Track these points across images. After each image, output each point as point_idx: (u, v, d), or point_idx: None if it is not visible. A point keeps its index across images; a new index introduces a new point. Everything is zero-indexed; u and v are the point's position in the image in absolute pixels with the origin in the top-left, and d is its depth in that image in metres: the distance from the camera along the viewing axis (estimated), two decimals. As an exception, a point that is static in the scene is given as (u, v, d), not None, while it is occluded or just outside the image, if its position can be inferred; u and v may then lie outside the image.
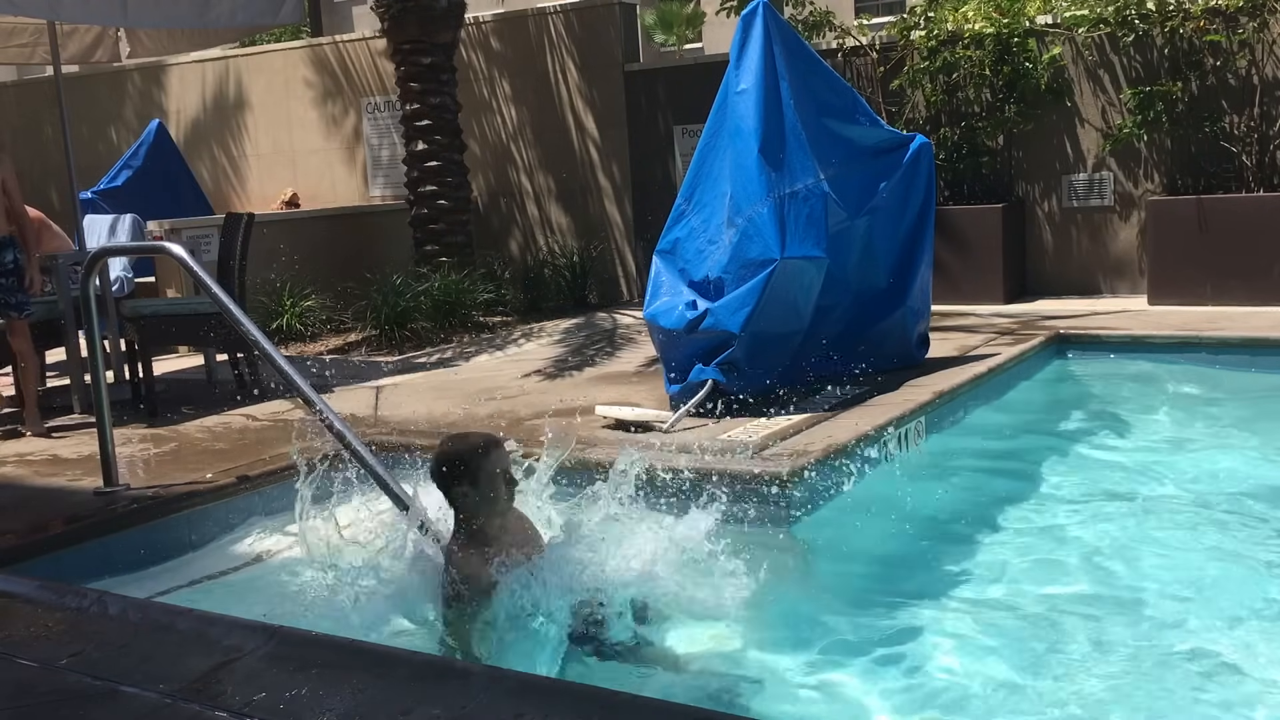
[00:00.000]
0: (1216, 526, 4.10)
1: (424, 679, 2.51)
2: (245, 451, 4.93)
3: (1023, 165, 8.74)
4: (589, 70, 10.20)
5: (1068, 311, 7.67)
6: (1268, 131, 7.82)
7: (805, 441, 4.51)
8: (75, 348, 6.15)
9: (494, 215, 10.73)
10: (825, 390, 5.39)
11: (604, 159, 10.26)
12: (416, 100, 9.43)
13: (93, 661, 2.67)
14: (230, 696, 2.44)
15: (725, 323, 5.09)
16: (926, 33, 8.62)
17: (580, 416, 5.26)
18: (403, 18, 9.26)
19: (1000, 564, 3.88)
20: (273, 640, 2.78)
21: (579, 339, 8.07)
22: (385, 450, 4.76)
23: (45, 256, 6.68)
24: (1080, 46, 8.35)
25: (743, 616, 3.55)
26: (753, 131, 5.27)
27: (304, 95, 11.44)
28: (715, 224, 5.38)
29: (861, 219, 5.60)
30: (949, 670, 3.13)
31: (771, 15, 5.48)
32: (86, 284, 4.41)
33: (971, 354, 6.21)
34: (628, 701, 2.45)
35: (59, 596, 3.28)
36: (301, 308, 8.65)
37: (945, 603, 3.59)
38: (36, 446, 5.40)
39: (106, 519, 4.10)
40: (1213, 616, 3.37)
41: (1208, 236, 7.64)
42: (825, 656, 3.24)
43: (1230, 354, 6.39)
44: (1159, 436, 5.37)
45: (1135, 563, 3.81)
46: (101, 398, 4.40)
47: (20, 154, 12.83)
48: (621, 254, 10.27)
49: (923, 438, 5.11)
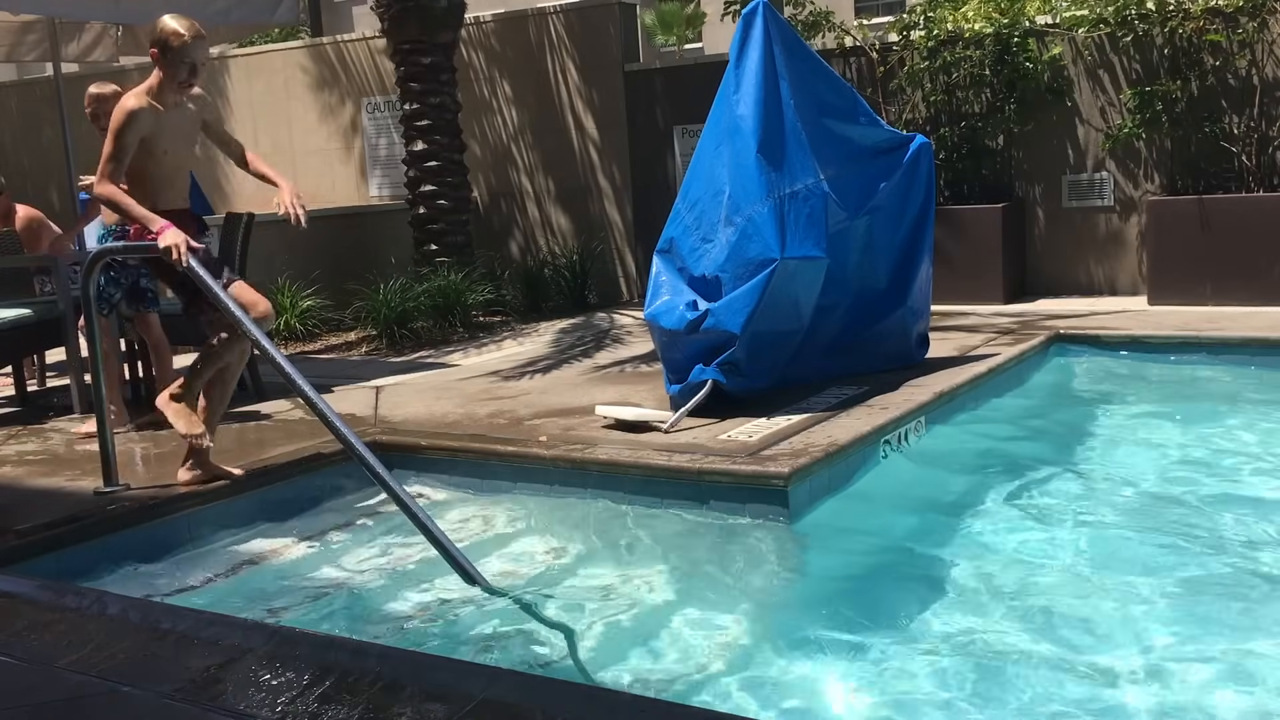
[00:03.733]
0: (1217, 527, 4.10)
1: (425, 678, 2.51)
2: (245, 451, 4.93)
3: (1023, 165, 8.75)
4: (589, 70, 10.20)
5: (1067, 311, 7.67)
6: (1268, 132, 7.83)
7: (805, 441, 4.51)
8: (75, 348, 6.15)
9: (494, 217, 10.73)
10: (825, 390, 5.40)
11: (603, 159, 10.26)
12: (416, 100, 9.44)
13: (93, 661, 2.67)
14: (230, 696, 2.44)
15: (726, 323, 5.09)
16: (926, 33, 8.63)
17: (580, 416, 5.27)
18: (403, 18, 9.27)
19: (1000, 564, 3.88)
20: (273, 640, 2.78)
21: (579, 339, 8.07)
22: (385, 450, 4.76)
23: (44, 256, 6.69)
24: (1080, 46, 8.35)
25: (742, 617, 3.55)
26: (752, 131, 5.26)
27: (304, 95, 11.44)
28: (710, 221, 5.37)
29: (861, 219, 5.60)
30: (949, 671, 3.13)
31: (771, 15, 5.48)
32: (86, 284, 4.41)
33: (971, 354, 6.21)
34: (628, 702, 2.45)
35: (59, 596, 3.28)
36: (301, 308, 8.66)
37: (945, 603, 3.59)
38: (38, 446, 5.40)
39: (106, 519, 4.10)
40: (1212, 616, 3.37)
41: (1207, 236, 7.64)
42: (825, 657, 3.24)
43: (1230, 354, 6.39)
44: (1159, 437, 5.36)
45: (1135, 563, 3.80)
46: (101, 398, 4.40)
47: (20, 154, 12.89)
48: (621, 254, 10.27)
49: (923, 437, 5.11)
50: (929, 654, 3.23)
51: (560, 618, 3.52)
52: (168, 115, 4.37)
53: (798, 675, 3.14)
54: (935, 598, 3.63)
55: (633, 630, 3.45)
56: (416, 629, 3.53)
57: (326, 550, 4.28)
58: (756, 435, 4.65)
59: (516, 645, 3.35)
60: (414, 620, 3.60)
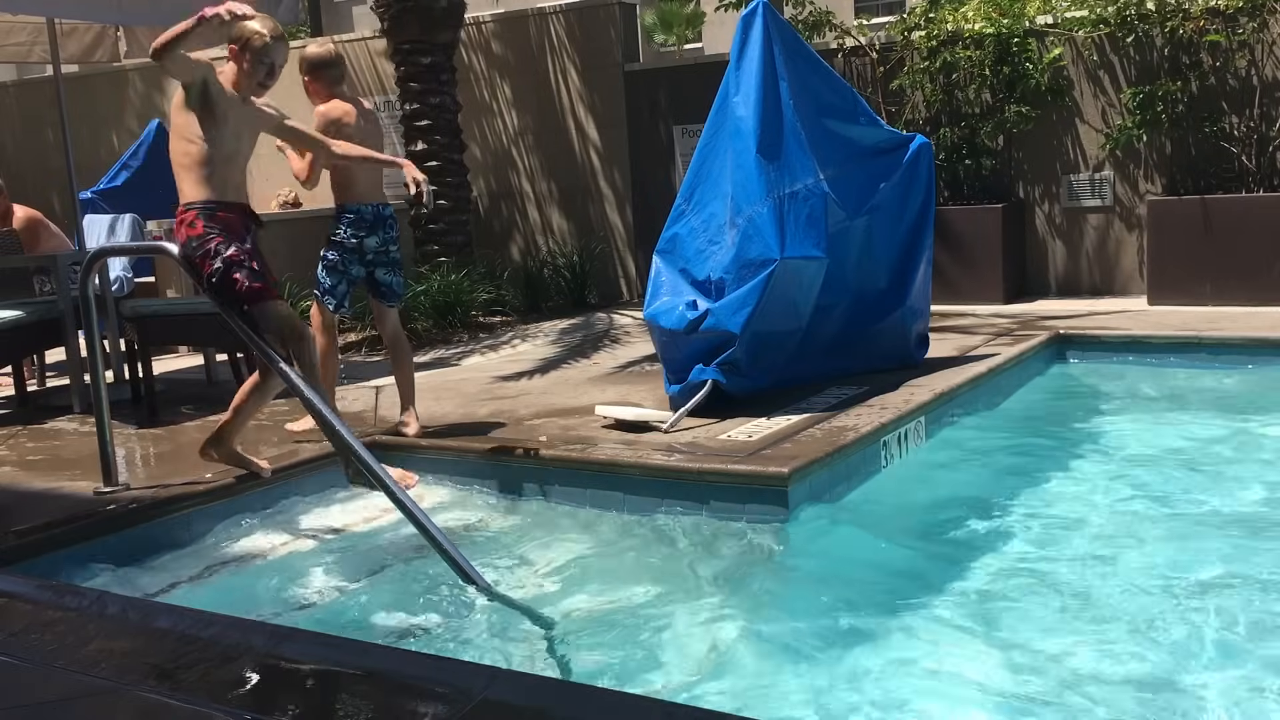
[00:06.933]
0: (1217, 527, 4.10)
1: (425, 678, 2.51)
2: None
3: (1023, 165, 8.75)
4: (589, 70, 10.19)
5: (1067, 312, 7.67)
6: (1267, 132, 7.82)
7: (805, 441, 4.51)
8: (75, 348, 6.15)
9: (494, 218, 10.73)
10: (825, 390, 5.40)
11: (603, 159, 10.26)
12: (416, 100, 9.43)
13: (93, 661, 2.67)
14: (230, 696, 2.43)
15: (726, 323, 5.09)
16: (926, 33, 8.63)
17: (580, 416, 5.26)
18: (403, 18, 9.27)
19: (999, 564, 3.88)
20: (273, 640, 2.78)
21: (578, 339, 8.07)
22: (385, 450, 4.77)
23: (44, 256, 6.69)
24: (1080, 47, 8.35)
25: (742, 617, 3.55)
26: (752, 131, 5.26)
27: (303, 95, 11.41)
28: (716, 224, 5.37)
29: (861, 219, 5.60)
30: (948, 672, 3.13)
31: (771, 15, 5.48)
32: (85, 284, 4.41)
33: (971, 354, 6.21)
34: (628, 702, 2.45)
35: (59, 596, 3.28)
36: (301, 307, 8.64)
37: (944, 603, 3.59)
38: (38, 446, 5.40)
39: (106, 519, 4.10)
40: (1211, 617, 3.37)
41: (1208, 236, 7.64)
42: (825, 656, 3.24)
43: (1230, 354, 6.39)
44: (1158, 437, 5.36)
45: (1134, 564, 3.80)
46: (101, 398, 4.40)
47: (21, 155, 12.89)
48: (621, 254, 10.27)
49: (922, 438, 5.11)
50: (929, 654, 3.23)
51: (559, 618, 3.52)
52: (240, 102, 4.28)
53: (798, 675, 3.14)
54: (935, 597, 3.63)
55: (632, 630, 3.45)
56: (416, 629, 3.53)
57: (326, 550, 4.28)
58: (756, 435, 4.65)
59: (516, 645, 3.35)
60: (413, 620, 3.59)
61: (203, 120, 4.17)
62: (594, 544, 4.19)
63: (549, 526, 4.38)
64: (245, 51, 4.22)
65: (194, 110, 4.16)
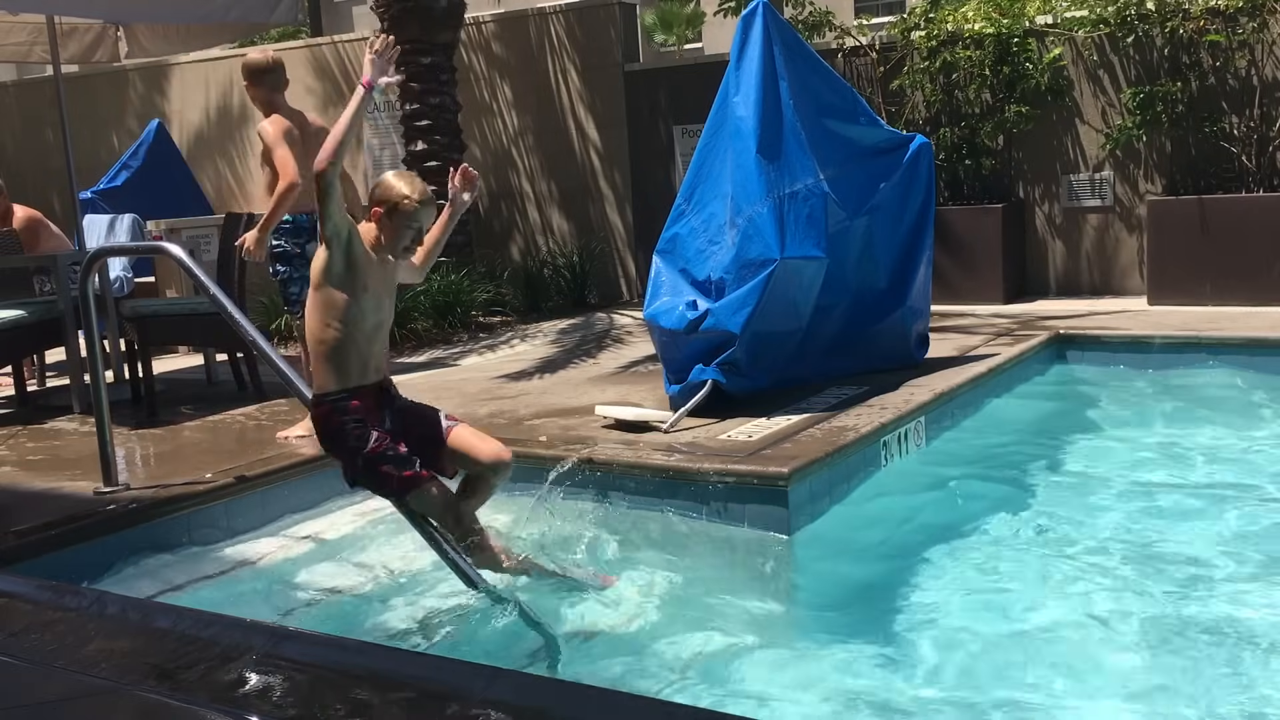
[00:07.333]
0: (1216, 527, 4.10)
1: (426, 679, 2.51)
2: (245, 451, 4.93)
3: (1023, 165, 8.75)
4: (589, 70, 10.20)
5: (1067, 312, 7.67)
6: (1267, 132, 7.82)
7: (805, 441, 4.51)
8: (75, 348, 6.15)
9: (495, 218, 10.73)
10: (825, 390, 5.40)
11: (603, 159, 10.26)
12: (416, 100, 9.43)
13: (92, 661, 2.66)
14: (230, 696, 2.43)
15: (726, 323, 5.09)
16: (926, 33, 8.63)
17: (580, 416, 5.26)
18: (403, 18, 9.26)
19: (999, 564, 3.88)
20: (273, 640, 2.78)
21: (578, 339, 8.07)
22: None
23: (44, 256, 6.69)
24: (1080, 47, 8.35)
25: (742, 617, 3.55)
26: (752, 131, 5.26)
27: (303, 96, 11.41)
28: (717, 224, 5.37)
29: (861, 219, 5.60)
30: (949, 671, 3.13)
31: (771, 15, 5.48)
32: (85, 284, 4.40)
33: (971, 354, 6.21)
34: (628, 702, 2.45)
35: (59, 596, 3.28)
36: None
37: (944, 603, 3.59)
38: (38, 446, 5.40)
39: (106, 519, 4.10)
40: (1210, 617, 3.37)
41: (1207, 237, 7.64)
42: (824, 656, 3.24)
43: (1230, 354, 6.38)
44: (1158, 437, 5.37)
45: (1134, 564, 3.81)
46: (101, 398, 4.40)
47: (21, 155, 12.89)
48: (621, 254, 10.27)
49: (922, 438, 5.11)
50: (929, 654, 3.23)
51: (559, 618, 3.52)
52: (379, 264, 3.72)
53: (798, 675, 3.15)
54: (935, 597, 3.63)
55: (632, 630, 3.45)
56: (416, 630, 3.53)
57: (326, 550, 4.28)
58: (756, 435, 4.65)
59: (516, 646, 3.35)
60: (414, 621, 3.60)
61: (346, 293, 3.60)
62: (593, 544, 4.18)
63: (547, 527, 4.38)
64: (391, 216, 3.66)
65: (334, 281, 3.59)
